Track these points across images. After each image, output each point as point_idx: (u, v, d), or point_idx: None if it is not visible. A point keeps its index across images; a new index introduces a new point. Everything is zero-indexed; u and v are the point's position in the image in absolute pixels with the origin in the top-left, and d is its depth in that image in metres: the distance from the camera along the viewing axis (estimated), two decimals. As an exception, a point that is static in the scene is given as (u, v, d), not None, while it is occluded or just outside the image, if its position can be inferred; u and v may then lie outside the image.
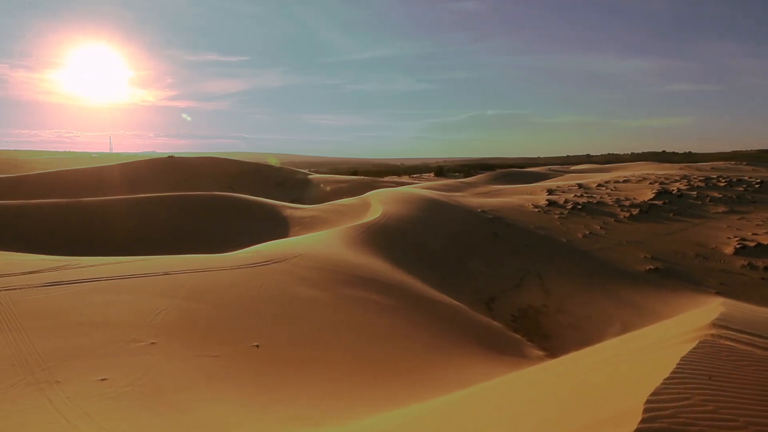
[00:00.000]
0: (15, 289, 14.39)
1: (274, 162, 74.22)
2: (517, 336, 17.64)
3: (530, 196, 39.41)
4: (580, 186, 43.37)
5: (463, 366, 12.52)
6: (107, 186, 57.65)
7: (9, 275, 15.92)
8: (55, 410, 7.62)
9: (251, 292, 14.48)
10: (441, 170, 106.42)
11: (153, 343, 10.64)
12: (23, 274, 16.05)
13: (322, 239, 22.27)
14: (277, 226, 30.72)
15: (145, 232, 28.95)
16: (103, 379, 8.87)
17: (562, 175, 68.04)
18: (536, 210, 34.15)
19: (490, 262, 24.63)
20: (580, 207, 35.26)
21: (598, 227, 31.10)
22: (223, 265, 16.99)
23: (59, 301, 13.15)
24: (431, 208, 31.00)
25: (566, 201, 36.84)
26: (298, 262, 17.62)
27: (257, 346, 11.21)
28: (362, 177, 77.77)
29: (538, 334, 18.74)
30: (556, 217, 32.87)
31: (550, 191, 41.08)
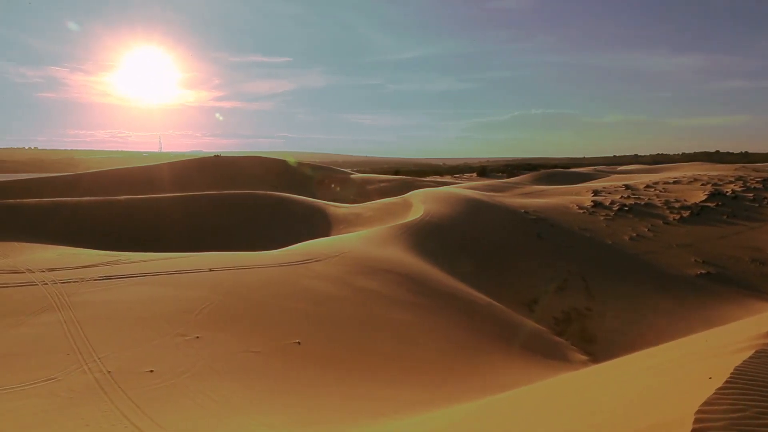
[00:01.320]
0: (70, 282, 15.03)
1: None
2: (560, 339, 17.30)
3: (575, 197, 38.56)
4: (627, 187, 42.14)
5: (504, 368, 12.37)
6: (157, 184, 59.47)
7: (65, 269, 16.65)
8: (108, 399, 7.92)
9: (292, 289, 14.68)
10: (484, 170, 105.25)
11: (198, 337, 10.92)
12: (78, 268, 16.75)
13: (363, 238, 22.39)
14: (319, 225, 31.05)
15: (191, 229, 29.75)
16: (150, 371, 9.16)
17: (608, 176, 66.29)
18: (581, 211, 33.40)
19: (532, 263, 24.23)
20: (626, 208, 34.28)
21: (646, 229, 30.17)
22: (266, 262, 17.28)
23: (110, 295, 13.67)
24: (473, 208, 30.73)
25: (612, 202, 35.89)
26: (340, 261, 17.76)
27: (298, 343, 11.35)
28: (404, 177, 77.66)
29: (581, 338, 18.33)
30: (602, 218, 32.06)
31: (596, 192, 40.09)
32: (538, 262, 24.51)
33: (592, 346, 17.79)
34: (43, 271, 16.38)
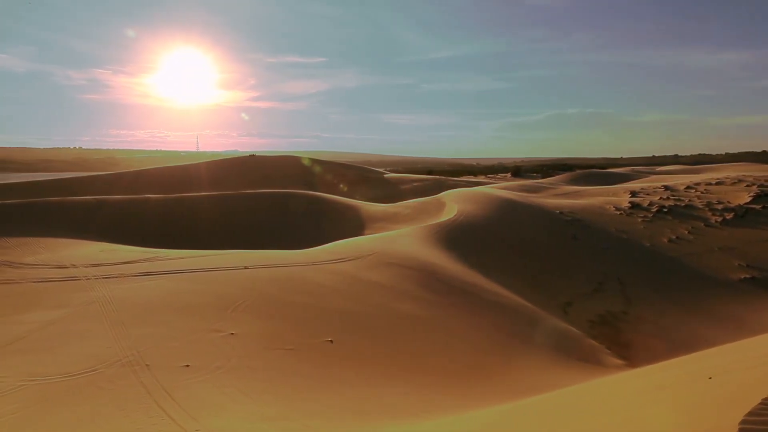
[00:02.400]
0: (111, 277, 15.51)
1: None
2: (595, 343, 16.98)
3: (612, 198, 37.75)
4: (666, 188, 41.00)
5: (538, 370, 12.21)
6: (194, 183, 60.76)
7: (106, 264, 17.19)
8: (146, 392, 8.14)
9: (325, 288, 14.80)
10: (518, 170, 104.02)
11: (232, 333, 11.12)
12: (118, 264, 17.27)
13: (396, 238, 22.41)
14: (353, 224, 31.21)
15: (226, 227, 30.29)
16: (186, 366, 9.38)
17: (646, 177, 64.65)
18: (618, 212, 32.68)
19: (567, 265, 23.85)
20: (666, 210, 33.38)
21: (686, 232, 29.32)
22: (300, 261, 17.48)
23: (149, 291, 14.04)
24: (507, 208, 30.41)
25: (651, 203, 35.00)
26: (373, 260, 17.82)
27: (331, 341, 11.45)
28: (437, 176, 77.43)
29: (617, 342, 17.94)
30: (640, 220, 31.30)
31: (634, 193, 39.15)
32: (573, 263, 24.11)
33: (628, 350, 17.41)
34: (86, 267, 16.94)
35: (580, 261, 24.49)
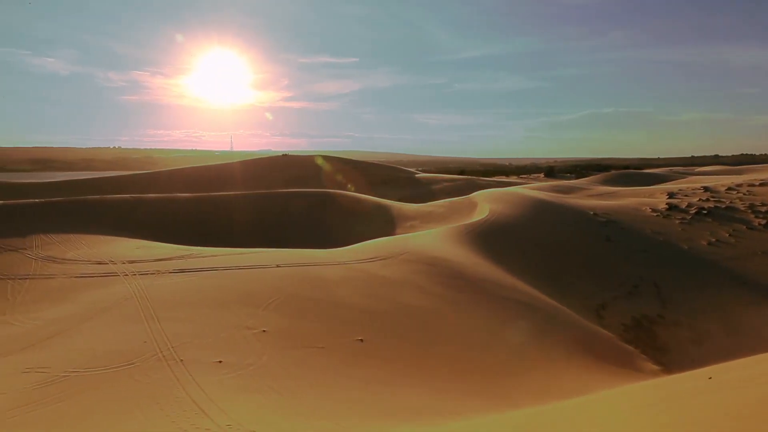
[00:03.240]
0: (147, 274, 15.91)
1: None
2: (629, 347, 16.62)
3: (648, 199, 36.86)
4: (706, 189, 39.81)
5: (569, 374, 12.03)
6: (228, 182, 61.79)
7: (142, 261, 17.63)
8: (180, 386, 8.33)
9: (357, 287, 14.87)
10: (551, 170, 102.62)
11: (264, 331, 11.27)
12: (154, 260, 17.69)
13: (428, 238, 22.37)
14: (384, 224, 31.27)
15: (260, 226, 30.71)
16: (219, 361, 9.56)
17: (685, 177, 62.93)
18: (654, 214, 31.89)
19: (601, 267, 23.40)
20: (705, 212, 32.41)
21: (727, 235, 28.41)
22: (331, 260, 17.60)
23: (183, 287, 14.35)
24: (540, 209, 30.02)
25: (689, 205, 34.04)
26: (404, 260, 17.83)
27: (361, 340, 11.50)
28: (469, 176, 77.03)
29: (652, 346, 17.53)
30: (677, 222, 30.47)
31: (671, 194, 38.14)
32: (607, 266, 23.64)
33: (664, 356, 16.99)
34: (124, 263, 17.42)
35: (614, 263, 23.99)
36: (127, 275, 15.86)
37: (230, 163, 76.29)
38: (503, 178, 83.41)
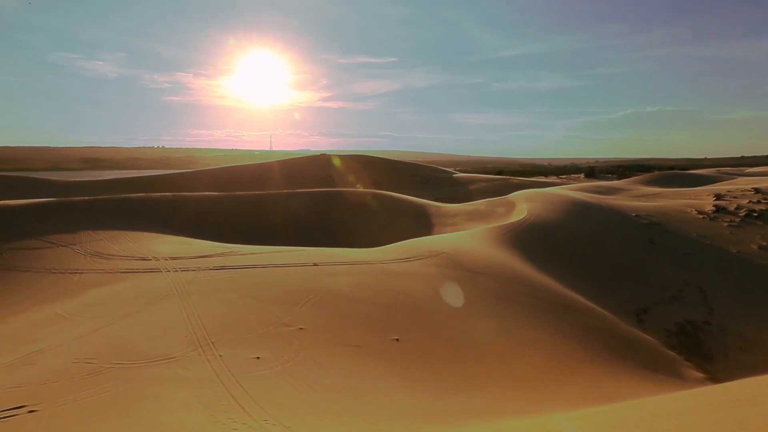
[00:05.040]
0: (188, 270, 16.32)
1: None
2: (672, 354, 16.13)
3: (694, 200, 35.67)
4: (757, 191, 38.24)
5: (609, 380, 11.76)
6: (268, 181, 62.80)
7: (184, 258, 18.09)
8: (219, 381, 8.53)
9: (393, 286, 14.90)
10: (592, 171, 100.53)
11: (301, 328, 11.42)
12: (195, 257, 18.13)
13: (465, 238, 22.22)
14: (421, 224, 31.22)
15: (298, 224, 31.11)
16: (257, 358, 9.74)
17: (734, 179, 60.58)
18: (701, 216, 30.84)
19: (643, 270, 22.78)
20: (756, 215, 31.14)
21: (779, 239, 27.25)
22: (368, 259, 17.68)
23: (223, 284, 14.66)
24: (580, 210, 29.43)
25: (738, 207, 32.77)
26: (441, 260, 17.77)
27: (397, 339, 11.53)
28: (508, 176, 76.21)
29: (697, 354, 16.97)
30: (725, 225, 29.39)
31: (719, 196, 36.80)
32: (649, 269, 22.99)
33: (710, 363, 16.43)
34: (167, 260, 17.91)
35: (657, 266, 23.32)
36: (169, 271, 16.31)
37: (269, 163, 77.46)
38: (542, 179, 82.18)
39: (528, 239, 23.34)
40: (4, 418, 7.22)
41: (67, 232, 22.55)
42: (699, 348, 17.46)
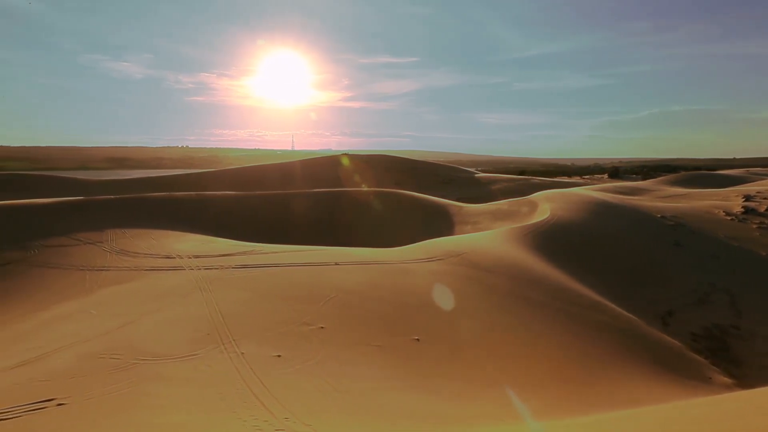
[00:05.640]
0: (212, 268, 16.52)
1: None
2: (699, 358, 15.83)
3: (721, 201, 34.93)
4: (787, 192, 37.33)
5: (634, 383, 11.60)
6: (289, 180, 63.25)
7: (207, 256, 18.32)
8: (241, 378, 8.62)
9: (414, 286, 14.89)
10: (616, 171, 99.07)
11: (322, 327, 11.48)
12: (218, 256, 18.34)
13: (486, 238, 22.10)
14: (443, 224, 31.14)
15: (317, 224, 31.26)
16: (278, 356, 9.82)
17: (764, 179, 59.18)
18: (729, 218, 30.19)
19: (668, 272, 22.39)
20: (787, 216, 30.38)
21: (811, 241, 26.53)
22: (389, 259, 17.69)
23: (246, 283, 14.81)
24: (603, 211, 29.05)
25: (768, 209, 32.00)
26: (462, 261, 17.70)
27: (417, 339, 11.52)
28: (530, 177, 75.59)
29: (724, 358, 16.61)
30: (755, 227, 28.73)
31: (748, 197, 35.98)
32: (675, 272, 22.59)
33: (738, 369, 16.06)
34: (190, 258, 18.16)
35: (683, 269, 22.89)
36: (192, 269, 16.53)
37: (291, 162, 78.03)
38: (565, 179, 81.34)
39: (550, 240, 23.12)
40: (35, 410, 7.41)
41: (94, 230, 23.02)
42: (726, 352, 17.09)
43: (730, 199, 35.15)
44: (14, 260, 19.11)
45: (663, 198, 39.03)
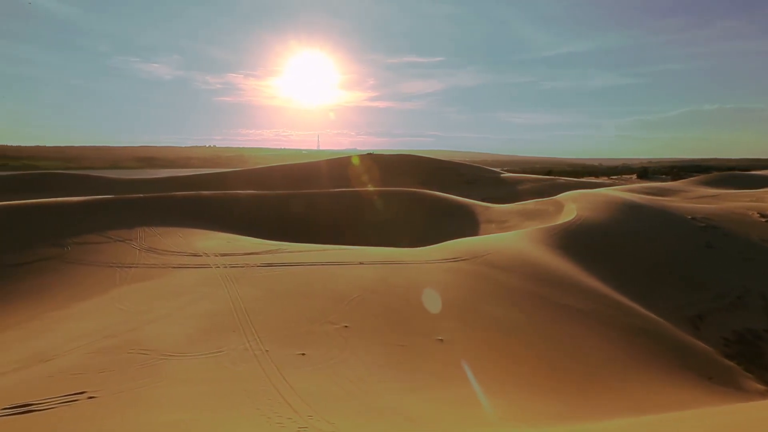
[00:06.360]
0: (237, 267, 16.72)
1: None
2: (731, 363, 15.43)
3: (755, 203, 33.99)
4: (825, 193, 36.15)
5: (663, 388, 11.38)
6: (315, 180, 63.65)
7: (233, 254, 18.55)
8: (265, 375, 8.72)
9: (438, 287, 14.85)
10: (645, 172, 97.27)
11: (346, 326, 11.53)
12: (244, 254, 18.56)
13: (512, 239, 21.91)
14: (468, 224, 30.97)
15: (344, 223, 31.39)
16: (302, 354, 9.91)
17: (801, 180, 57.35)
18: (763, 220, 29.36)
19: (699, 275, 21.88)
20: (824, 219, 29.41)
21: None
22: (413, 259, 17.67)
23: (270, 281, 14.96)
24: (631, 212, 28.53)
25: (805, 211, 31.02)
26: (487, 261, 17.58)
27: (441, 340, 11.48)
28: (556, 177, 74.72)
29: (758, 364, 16.15)
30: (791, 229, 27.87)
31: (784, 199, 34.94)
32: (706, 274, 22.06)
33: (772, 374, 15.61)
34: (216, 256, 18.42)
35: (715, 272, 22.34)
36: (218, 267, 16.76)
37: (317, 162, 78.48)
38: (592, 179, 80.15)
39: (576, 241, 22.81)
40: (67, 402, 7.62)
41: (124, 228, 23.52)
42: (761, 358, 16.63)
43: (764, 200, 34.19)
44: (50, 257, 19.65)
45: (694, 199, 38.18)
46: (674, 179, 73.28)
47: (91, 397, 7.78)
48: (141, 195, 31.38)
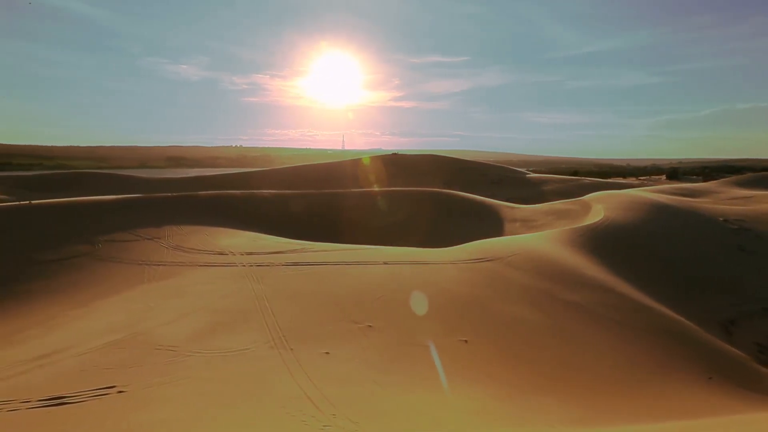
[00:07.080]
0: (263, 265, 16.89)
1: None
2: (765, 370, 15.02)
3: (791, 205, 32.99)
4: None
5: (693, 394, 11.13)
6: (340, 180, 63.90)
7: (259, 253, 18.75)
8: (289, 373, 8.80)
9: (463, 287, 14.78)
10: (675, 172, 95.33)
11: (370, 326, 11.57)
12: (270, 253, 18.75)
13: (538, 240, 21.69)
14: (493, 225, 30.76)
15: (369, 223, 31.45)
16: (326, 353, 9.97)
17: (839, 182, 55.44)
18: (799, 222, 28.47)
19: (730, 279, 21.34)
20: None
21: None
22: (438, 259, 17.62)
23: (295, 280, 15.08)
24: (660, 213, 27.97)
25: (844, 213, 29.98)
26: (513, 262, 17.44)
27: (465, 341, 11.43)
28: (583, 178, 73.71)
29: (793, 371, 15.68)
30: (828, 232, 26.98)
31: (821, 201, 33.85)
32: (739, 277, 21.50)
33: (807, 381, 15.14)
34: (243, 255, 18.64)
35: (748, 275, 21.77)
36: (244, 266, 16.97)
37: (341, 162, 78.75)
38: (620, 180, 78.85)
39: (604, 243, 22.46)
40: (97, 396, 7.81)
41: (153, 226, 23.96)
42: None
43: (800, 203, 33.17)
44: (82, 254, 20.13)
45: (726, 200, 37.23)
46: (705, 180, 71.62)
47: (120, 392, 7.97)
48: (169, 194, 31.95)
